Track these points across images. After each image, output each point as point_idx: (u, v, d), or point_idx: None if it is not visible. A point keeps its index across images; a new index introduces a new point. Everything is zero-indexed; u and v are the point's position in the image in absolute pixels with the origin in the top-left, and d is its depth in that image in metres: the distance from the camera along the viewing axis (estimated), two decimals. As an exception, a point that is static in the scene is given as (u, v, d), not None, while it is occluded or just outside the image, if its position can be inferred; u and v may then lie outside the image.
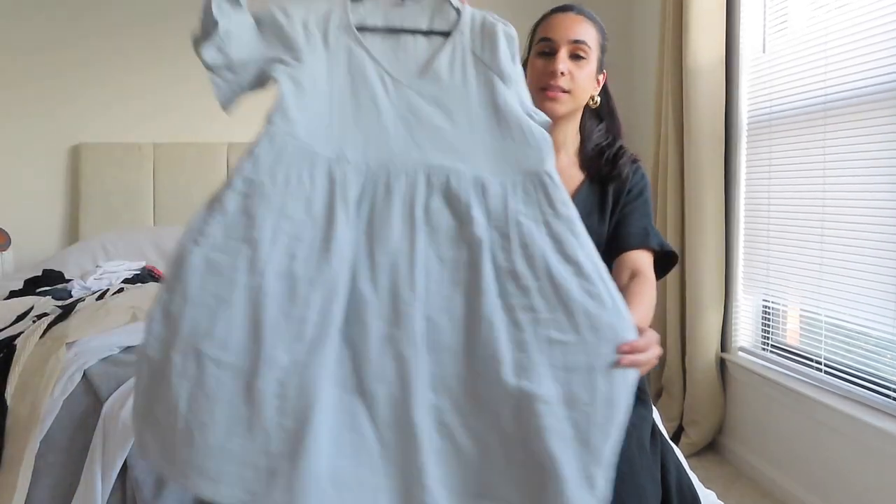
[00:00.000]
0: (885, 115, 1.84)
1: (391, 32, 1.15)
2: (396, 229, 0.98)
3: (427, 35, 1.16)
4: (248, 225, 0.94)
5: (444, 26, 1.18)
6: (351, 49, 1.12)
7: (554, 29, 1.35)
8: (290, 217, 0.95)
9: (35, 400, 1.20)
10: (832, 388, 2.05)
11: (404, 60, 1.14)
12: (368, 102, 1.09)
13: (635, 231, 1.41)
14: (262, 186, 0.97)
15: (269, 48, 1.10)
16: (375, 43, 1.14)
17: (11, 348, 1.33)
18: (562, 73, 1.32)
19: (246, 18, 1.12)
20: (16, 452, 1.15)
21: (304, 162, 1.01)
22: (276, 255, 0.92)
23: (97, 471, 1.14)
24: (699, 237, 2.53)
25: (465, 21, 1.18)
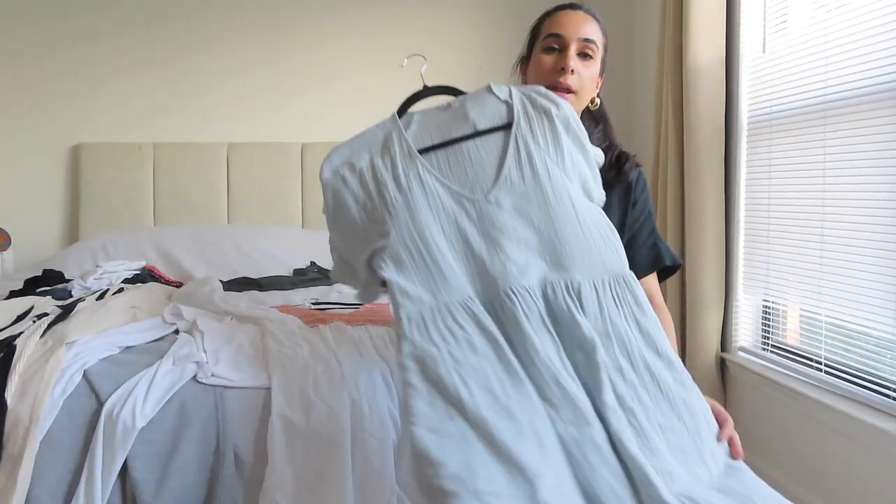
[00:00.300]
0: (885, 115, 1.84)
1: (450, 144, 1.19)
2: (540, 345, 1.06)
3: (483, 135, 1.19)
4: (440, 387, 1.04)
5: (496, 121, 1.21)
6: (423, 181, 1.17)
7: (564, 25, 1.34)
8: (463, 363, 1.05)
9: (35, 400, 1.20)
10: (832, 388, 2.05)
11: (473, 174, 1.18)
12: (458, 237, 1.15)
13: (645, 253, 1.41)
14: (429, 354, 1.07)
15: (368, 239, 1.19)
16: (441, 162, 1.19)
17: (11, 348, 1.32)
18: (572, 71, 1.31)
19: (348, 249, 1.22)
20: (16, 452, 1.15)
21: (446, 316, 1.10)
22: (479, 398, 1.01)
23: (97, 471, 1.14)
24: (699, 237, 2.53)
25: (516, 110, 1.21)
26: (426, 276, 1.13)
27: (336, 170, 1.22)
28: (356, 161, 1.21)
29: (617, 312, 1.11)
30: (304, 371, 1.30)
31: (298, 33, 3.35)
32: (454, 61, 3.44)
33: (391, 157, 1.20)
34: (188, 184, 3.18)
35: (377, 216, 1.18)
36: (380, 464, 1.19)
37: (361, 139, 1.25)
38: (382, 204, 1.18)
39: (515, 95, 1.23)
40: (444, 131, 1.21)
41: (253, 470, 1.20)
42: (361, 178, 1.20)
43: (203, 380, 1.28)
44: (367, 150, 1.22)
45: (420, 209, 1.16)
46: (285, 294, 2.12)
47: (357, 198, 1.20)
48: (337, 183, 1.21)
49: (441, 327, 1.09)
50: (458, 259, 1.15)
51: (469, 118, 1.21)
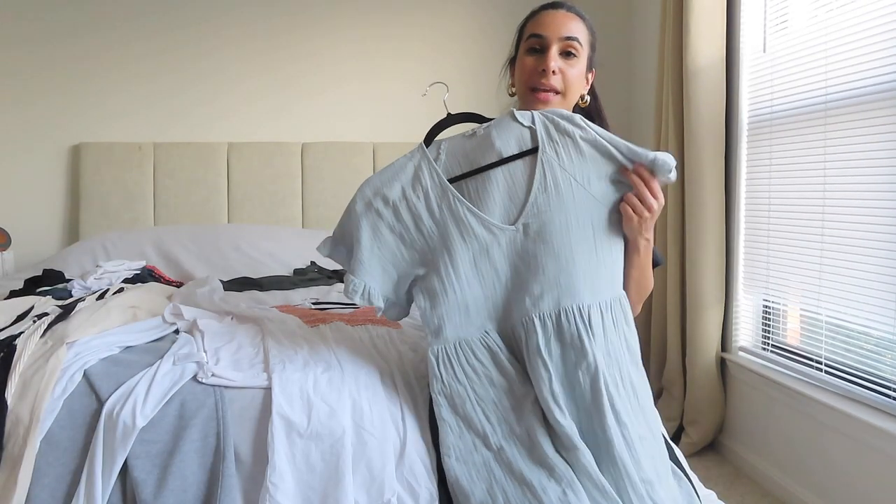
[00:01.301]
0: (885, 115, 1.84)
1: (479, 172, 1.24)
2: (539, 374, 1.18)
3: (510, 161, 1.23)
4: (467, 423, 1.19)
5: (521, 146, 1.24)
6: (455, 213, 1.23)
7: (544, 25, 1.34)
8: (483, 398, 1.20)
9: (35, 399, 1.20)
10: (832, 387, 2.05)
11: (500, 201, 1.23)
12: (488, 268, 1.24)
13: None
14: (457, 392, 1.22)
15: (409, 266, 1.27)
16: (471, 191, 1.25)
17: (12, 348, 1.32)
18: (553, 72, 1.31)
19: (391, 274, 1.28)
20: (16, 452, 1.15)
21: (468, 353, 1.24)
22: (498, 429, 1.17)
23: (97, 470, 1.14)
24: (700, 237, 2.53)
25: (540, 135, 1.24)
26: (454, 311, 1.24)
27: (369, 201, 1.26)
28: (388, 193, 1.26)
29: (614, 332, 1.22)
30: (304, 371, 1.30)
31: (299, 34, 3.35)
32: (455, 63, 3.44)
33: (423, 189, 1.25)
34: (188, 184, 3.18)
35: (416, 245, 1.26)
36: (380, 463, 1.19)
37: (391, 170, 1.29)
38: (420, 235, 1.25)
39: (538, 120, 1.26)
40: (472, 160, 1.26)
41: (253, 469, 1.19)
42: (395, 210, 1.25)
43: (203, 379, 1.28)
44: (397, 181, 1.27)
45: (454, 242, 1.23)
46: (285, 294, 2.12)
47: (393, 228, 1.25)
48: (371, 215, 1.26)
49: (464, 364, 1.23)
50: (486, 289, 1.24)
51: (495, 146, 1.24)
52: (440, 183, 1.25)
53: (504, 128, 1.26)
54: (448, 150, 1.28)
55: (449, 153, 1.27)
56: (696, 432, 2.59)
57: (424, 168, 1.26)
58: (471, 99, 3.32)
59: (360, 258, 1.25)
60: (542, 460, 1.12)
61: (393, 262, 1.26)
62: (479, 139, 1.26)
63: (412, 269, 1.27)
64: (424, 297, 1.26)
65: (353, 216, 1.27)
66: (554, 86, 1.32)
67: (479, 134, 1.27)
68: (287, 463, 1.17)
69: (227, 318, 1.67)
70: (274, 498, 1.13)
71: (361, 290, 1.25)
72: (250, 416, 1.23)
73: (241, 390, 1.27)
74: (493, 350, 1.24)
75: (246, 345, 1.46)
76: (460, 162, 1.26)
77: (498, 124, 1.27)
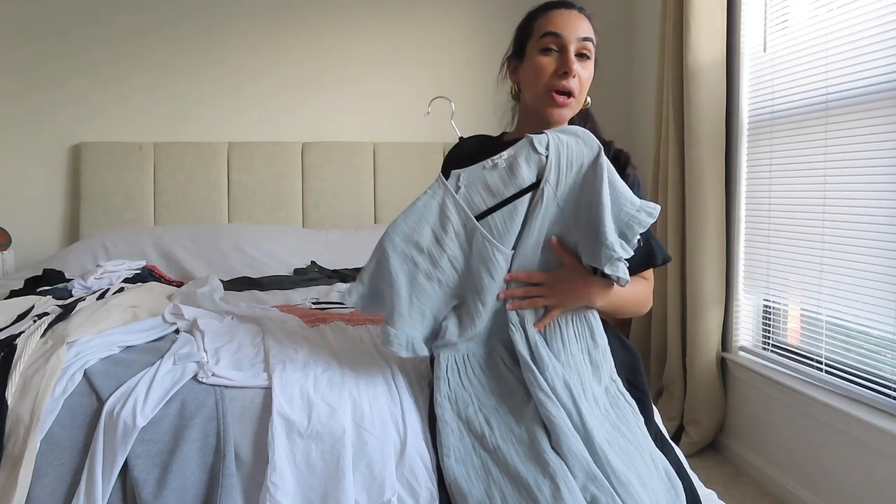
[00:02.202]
0: (886, 115, 1.84)
1: (503, 205, 1.25)
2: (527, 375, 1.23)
3: (528, 192, 1.25)
4: (469, 426, 1.21)
5: (536, 176, 1.26)
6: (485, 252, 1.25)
7: (561, 25, 1.31)
8: (486, 405, 1.23)
9: (36, 399, 1.20)
10: (833, 387, 2.05)
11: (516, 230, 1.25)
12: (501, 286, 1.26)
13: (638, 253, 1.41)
14: (461, 397, 1.25)
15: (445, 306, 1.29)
16: (497, 225, 1.26)
17: (12, 348, 1.32)
18: (573, 75, 1.30)
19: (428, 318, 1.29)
20: (16, 451, 1.15)
21: (475, 366, 1.28)
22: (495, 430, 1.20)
23: (98, 470, 1.14)
24: (700, 236, 2.52)
25: (550, 165, 1.24)
26: (472, 330, 1.27)
27: (403, 252, 1.25)
28: (420, 240, 1.25)
29: (576, 345, 1.27)
30: (304, 370, 1.30)
31: (299, 33, 3.35)
32: (455, 63, 3.44)
33: (453, 227, 1.25)
34: (189, 183, 3.18)
35: (451, 283, 1.27)
36: (380, 463, 1.19)
37: (415, 213, 1.27)
38: (454, 273, 1.27)
39: (552, 147, 1.25)
40: (496, 192, 1.26)
41: (253, 469, 1.20)
42: (431, 257, 1.25)
43: (203, 379, 1.28)
44: (426, 223, 1.26)
45: (483, 279, 1.25)
46: (286, 293, 2.12)
47: (430, 276, 1.25)
48: (407, 265, 1.25)
49: (471, 373, 1.26)
50: (498, 310, 1.28)
51: (519, 177, 1.25)
52: (466, 222, 1.25)
53: (525, 157, 1.25)
54: (468, 182, 1.26)
55: (469, 185, 1.26)
56: (697, 432, 2.59)
57: (450, 205, 1.25)
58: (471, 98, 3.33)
59: (401, 311, 1.24)
60: (538, 457, 1.13)
61: (431, 306, 1.27)
62: (501, 171, 1.25)
63: (448, 305, 1.28)
64: (455, 323, 1.27)
65: (385, 267, 1.25)
66: (572, 88, 1.31)
67: (500, 166, 1.26)
68: (287, 462, 1.17)
69: (227, 317, 1.67)
70: (274, 497, 1.13)
71: (406, 344, 1.24)
72: (250, 415, 1.24)
73: (241, 390, 1.27)
74: (496, 362, 1.28)
75: (246, 344, 1.46)
76: (482, 195, 1.26)
77: (519, 153, 1.25)
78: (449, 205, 1.25)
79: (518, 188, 1.24)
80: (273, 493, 1.13)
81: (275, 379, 1.27)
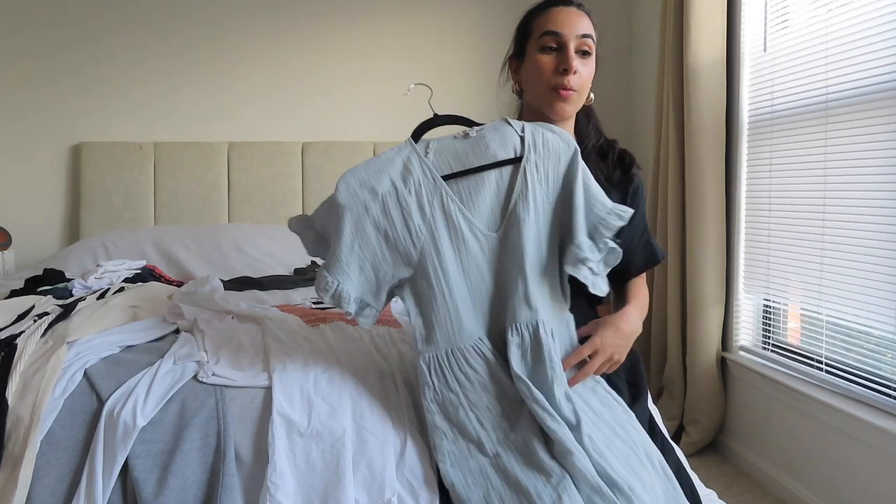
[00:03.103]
0: (886, 115, 1.84)
1: (471, 173, 1.22)
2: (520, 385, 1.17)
3: (501, 166, 1.22)
4: (461, 429, 1.18)
5: (510, 153, 1.23)
6: (446, 212, 1.20)
7: (561, 23, 1.31)
8: (477, 404, 1.19)
9: (36, 399, 1.20)
10: (833, 387, 2.05)
11: (488, 206, 1.22)
12: (475, 272, 1.21)
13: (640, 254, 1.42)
14: (449, 399, 1.20)
15: (390, 268, 1.21)
16: (462, 191, 1.22)
17: (12, 347, 1.33)
18: (574, 71, 1.30)
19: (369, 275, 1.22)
20: (16, 451, 1.15)
21: (461, 360, 1.20)
22: (493, 435, 1.17)
23: (98, 470, 1.14)
24: (700, 236, 2.52)
25: (528, 144, 1.23)
26: (445, 317, 1.19)
27: (355, 193, 1.19)
28: (377, 185, 1.19)
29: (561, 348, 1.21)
30: (304, 370, 1.30)
31: (299, 33, 3.35)
32: (456, 62, 3.44)
33: (414, 183, 1.20)
34: (189, 183, 3.18)
35: (400, 245, 1.20)
36: (381, 463, 1.19)
37: (377, 163, 1.22)
38: (406, 233, 1.19)
39: (528, 130, 1.25)
40: (465, 160, 1.23)
41: (253, 469, 1.20)
42: (384, 204, 1.19)
43: (204, 379, 1.28)
44: (385, 173, 1.20)
45: (443, 242, 1.19)
46: (286, 293, 2.12)
47: (378, 225, 1.19)
48: (357, 207, 1.18)
49: (457, 371, 1.19)
50: (474, 294, 1.21)
51: (490, 148, 1.23)
52: (433, 178, 1.20)
53: (499, 132, 1.25)
54: (437, 148, 1.24)
55: (438, 152, 1.24)
56: (697, 432, 2.59)
57: (415, 162, 1.21)
58: (472, 98, 3.33)
59: (339, 255, 1.18)
60: (538, 466, 1.11)
61: (373, 262, 1.19)
62: (472, 141, 1.24)
63: (394, 271, 1.20)
64: (412, 300, 1.21)
65: (335, 207, 1.19)
66: (573, 85, 1.31)
67: (471, 136, 1.24)
68: (287, 462, 1.17)
69: (227, 317, 1.67)
70: (274, 497, 1.13)
71: (333, 290, 1.18)
72: (251, 415, 1.24)
73: (241, 390, 1.27)
74: (487, 357, 1.21)
75: (246, 344, 1.46)
76: (450, 162, 1.23)
77: (493, 128, 1.26)
78: (414, 161, 1.21)
79: (487, 160, 1.22)
80: (273, 493, 1.13)
81: (275, 379, 1.27)
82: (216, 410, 1.22)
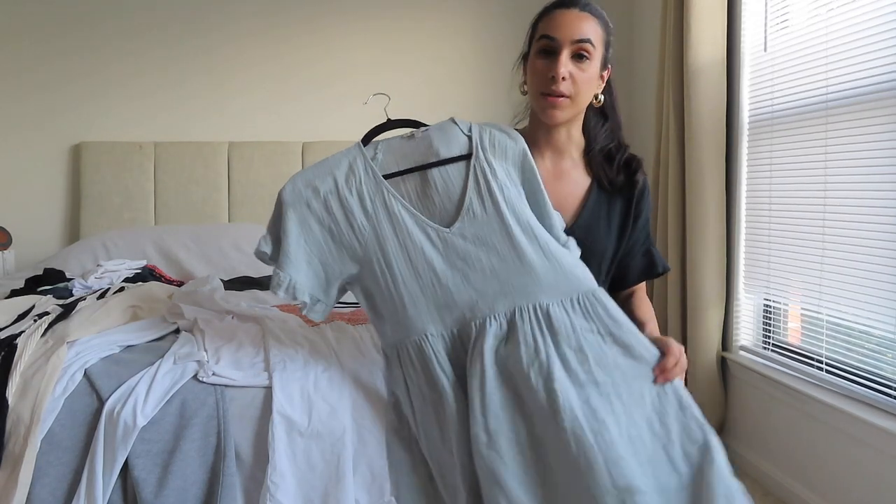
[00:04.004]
0: (886, 115, 1.84)
1: (415, 171, 1.24)
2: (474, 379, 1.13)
3: (446, 164, 1.24)
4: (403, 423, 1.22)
5: (458, 150, 1.26)
6: (389, 208, 1.22)
7: (556, 27, 1.29)
8: (417, 409, 1.19)
9: (36, 399, 1.20)
10: (833, 387, 2.05)
11: (437, 202, 1.23)
12: (424, 266, 1.20)
13: (640, 261, 1.42)
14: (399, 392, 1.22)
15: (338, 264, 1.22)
16: (407, 188, 1.24)
17: (13, 347, 1.33)
18: (563, 79, 1.28)
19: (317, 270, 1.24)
20: (17, 451, 1.15)
21: (405, 356, 1.20)
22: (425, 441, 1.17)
23: (98, 469, 1.15)
24: (700, 236, 2.52)
25: (475, 142, 1.26)
26: (392, 310, 1.20)
27: (299, 192, 1.24)
28: (320, 185, 1.24)
29: (589, 328, 1.16)
30: (304, 370, 1.31)
31: (299, 32, 3.34)
32: (458, 60, 3.44)
33: (356, 182, 1.23)
34: (189, 183, 3.18)
35: (345, 241, 1.22)
36: (381, 463, 1.19)
37: (325, 165, 1.27)
38: (350, 230, 1.22)
39: (475, 129, 1.28)
40: (410, 159, 1.26)
41: (254, 468, 1.20)
42: (326, 202, 1.22)
43: (204, 379, 1.28)
44: (330, 174, 1.25)
45: (387, 239, 1.21)
46: (286, 293, 2.11)
47: (322, 221, 1.22)
48: (300, 206, 1.23)
49: (402, 367, 1.20)
50: (425, 289, 1.20)
51: (433, 147, 1.25)
52: (374, 177, 1.24)
53: (444, 132, 1.28)
54: (385, 149, 1.28)
55: (386, 152, 1.27)
56: (697, 431, 2.58)
57: (360, 163, 1.25)
58: (472, 97, 3.33)
59: (287, 251, 1.21)
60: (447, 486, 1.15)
61: (320, 257, 1.23)
62: (417, 141, 1.27)
63: (341, 267, 1.23)
64: (361, 294, 1.25)
65: (280, 206, 1.24)
66: (563, 91, 1.28)
67: (417, 136, 1.28)
68: (288, 462, 1.17)
69: (227, 317, 1.67)
70: (275, 497, 1.13)
71: (286, 285, 1.20)
72: (251, 415, 1.24)
73: (241, 389, 1.27)
74: (427, 356, 1.18)
75: (246, 344, 1.46)
76: (397, 161, 1.26)
77: (438, 128, 1.29)
78: (359, 163, 1.26)
79: (430, 158, 1.25)
80: (273, 493, 1.13)
81: (275, 378, 1.27)
82: (216, 410, 1.22)
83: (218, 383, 1.28)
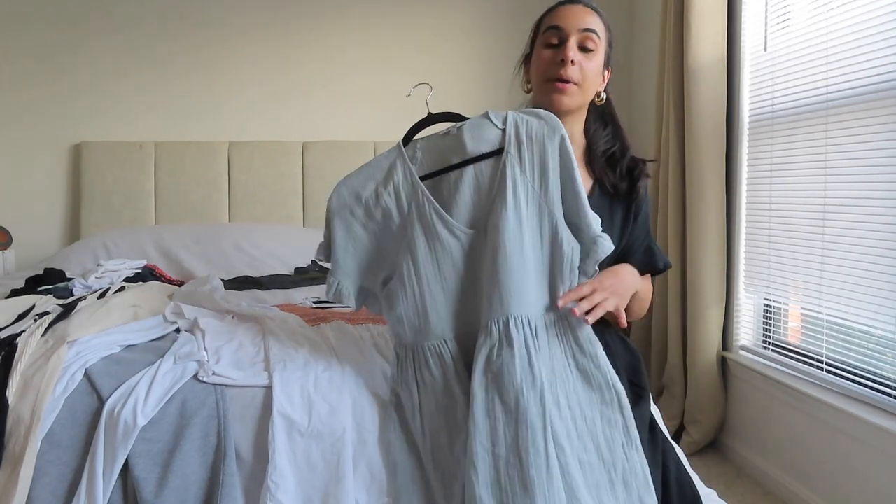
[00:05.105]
0: (886, 114, 1.84)
1: (448, 171, 1.24)
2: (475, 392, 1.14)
3: (476, 162, 1.22)
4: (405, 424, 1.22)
5: (487, 147, 1.23)
6: (423, 212, 1.22)
7: (563, 18, 1.33)
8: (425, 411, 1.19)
9: (36, 398, 1.20)
10: (833, 386, 2.05)
11: (467, 204, 1.22)
12: (450, 271, 1.21)
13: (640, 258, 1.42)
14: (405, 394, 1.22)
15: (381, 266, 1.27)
16: (442, 189, 1.24)
17: (13, 347, 1.33)
18: (572, 62, 1.30)
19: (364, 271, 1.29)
20: (17, 451, 1.15)
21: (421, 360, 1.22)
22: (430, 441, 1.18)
23: (98, 469, 1.15)
24: (701, 236, 2.52)
25: (508, 136, 1.23)
26: (414, 313, 1.22)
27: (343, 200, 1.27)
28: (361, 191, 1.27)
29: (559, 350, 1.17)
30: (305, 370, 1.31)
31: (299, 32, 3.35)
32: (458, 59, 3.44)
33: (395, 186, 1.25)
34: (189, 182, 3.18)
35: (385, 243, 1.25)
36: (380, 463, 1.20)
37: (367, 169, 1.29)
38: (389, 233, 1.25)
39: (510, 121, 1.24)
40: (444, 158, 1.25)
41: (254, 468, 1.20)
42: (367, 207, 1.25)
43: (204, 378, 1.28)
44: (373, 179, 1.27)
45: (418, 242, 1.21)
46: (286, 293, 2.12)
47: (366, 226, 1.26)
48: (344, 213, 1.26)
49: (416, 370, 1.21)
50: (447, 293, 1.21)
51: (466, 145, 1.23)
52: (412, 181, 1.24)
53: (477, 127, 1.25)
54: (425, 148, 1.27)
55: (425, 151, 1.27)
56: (697, 431, 2.59)
57: (399, 166, 1.26)
58: (472, 98, 3.33)
59: (335, 257, 1.27)
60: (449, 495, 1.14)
61: (367, 261, 1.27)
62: (451, 138, 1.25)
63: (384, 269, 1.27)
64: (384, 294, 1.26)
65: (328, 215, 1.29)
66: (572, 76, 1.30)
67: (452, 133, 1.26)
68: (288, 462, 1.17)
69: (228, 316, 1.67)
70: (275, 496, 1.13)
71: (334, 289, 1.27)
72: (251, 414, 1.24)
73: (241, 389, 1.27)
74: (445, 361, 1.20)
75: (247, 344, 1.46)
76: (435, 160, 1.26)
77: (471, 124, 1.26)
78: (398, 165, 1.26)
79: (463, 156, 1.23)
80: (274, 492, 1.13)
81: (275, 378, 1.27)
82: (216, 410, 1.23)
83: (218, 383, 1.28)
